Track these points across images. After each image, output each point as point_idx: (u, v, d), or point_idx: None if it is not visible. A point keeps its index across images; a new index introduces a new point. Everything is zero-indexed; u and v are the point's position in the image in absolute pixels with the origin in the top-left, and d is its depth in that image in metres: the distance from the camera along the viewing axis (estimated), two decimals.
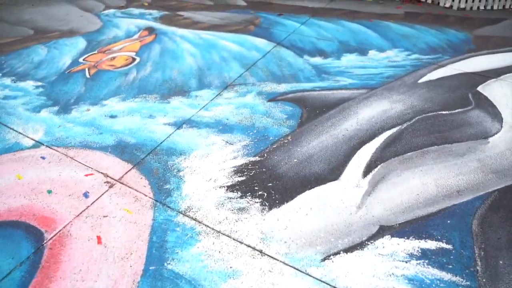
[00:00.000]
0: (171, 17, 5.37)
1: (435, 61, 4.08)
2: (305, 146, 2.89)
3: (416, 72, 3.87)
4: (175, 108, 3.36)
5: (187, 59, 4.18)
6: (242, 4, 5.79)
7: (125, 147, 2.93)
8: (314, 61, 4.07)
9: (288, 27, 4.92)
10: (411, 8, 5.60)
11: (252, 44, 4.46)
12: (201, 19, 5.26)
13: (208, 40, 4.61)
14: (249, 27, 4.92)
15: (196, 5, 5.82)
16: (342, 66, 3.97)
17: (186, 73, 3.90)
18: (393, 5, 5.72)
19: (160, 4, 5.88)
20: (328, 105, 3.36)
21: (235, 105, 3.37)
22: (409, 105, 3.33)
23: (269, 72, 3.87)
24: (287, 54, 4.22)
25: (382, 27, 4.91)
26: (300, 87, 3.60)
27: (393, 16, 5.26)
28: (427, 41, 4.53)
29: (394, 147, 2.87)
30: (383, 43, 4.46)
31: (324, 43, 4.47)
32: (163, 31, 4.91)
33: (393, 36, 4.65)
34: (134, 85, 3.73)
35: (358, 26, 4.92)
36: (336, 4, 5.73)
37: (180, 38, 4.69)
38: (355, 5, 5.67)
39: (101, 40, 4.71)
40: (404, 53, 4.25)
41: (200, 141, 2.97)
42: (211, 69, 3.95)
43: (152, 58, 4.22)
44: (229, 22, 5.12)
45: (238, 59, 4.13)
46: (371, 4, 5.74)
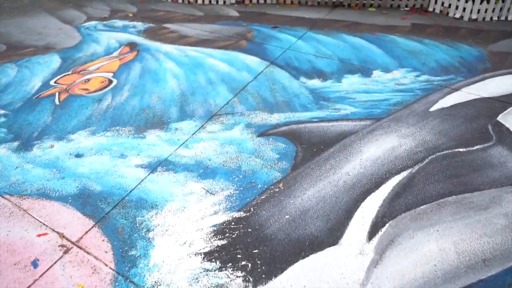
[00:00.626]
0: (156, 30, 4.93)
1: (448, 83, 3.64)
2: (299, 196, 2.45)
3: (426, 97, 3.43)
4: (150, 144, 2.93)
5: (170, 81, 3.75)
6: (234, 14, 5.35)
7: (88, 197, 2.50)
8: (311, 84, 3.64)
9: (283, 42, 4.48)
10: (418, 19, 5.16)
11: (243, 63, 4.02)
12: (188, 32, 4.82)
13: (194, 58, 4.17)
14: (241, 42, 4.49)
15: (184, 16, 5.38)
16: (343, 90, 3.54)
17: (167, 99, 3.47)
18: (398, 15, 5.28)
19: (145, 15, 5.44)
20: (327, 140, 2.92)
21: (219, 141, 2.93)
22: (421, 141, 2.90)
23: (261, 99, 3.43)
24: (281, 76, 3.78)
25: (387, 41, 4.47)
26: (295, 118, 3.17)
27: (399, 29, 4.82)
28: (437, 59, 4.09)
29: (405, 198, 2.43)
30: (388, 62, 4.02)
31: (323, 61, 4.03)
32: (146, 47, 4.48)
33: (399, 52, 4.21)
34: (107, 114, 3.30)
35: (361, 41, 4.48)
36: (336, 15, 5.29)
37: (164, 55, 4.26)
38: (356, 16, 5.23)
39: (77, 58, 4.28)
40: (413, 73, 3.82)
41: (176, 189, 2.54)
42: (195, 94, 3.52)
43: (130, 80, 3.79)
44: (219, 36, 4.68)
45: (227, 82, 3.69)
46: (374, 14, 5.30)
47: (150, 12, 5.54)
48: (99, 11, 5.65)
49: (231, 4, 5.70)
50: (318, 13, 5.35)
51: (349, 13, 5.35)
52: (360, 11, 5.42)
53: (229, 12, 5.43)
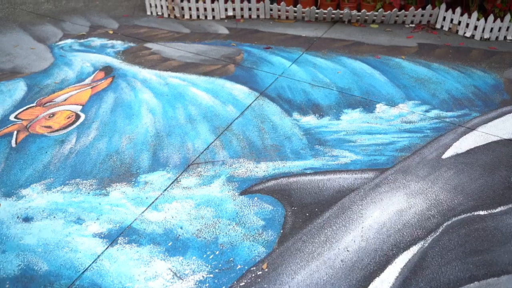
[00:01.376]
0: (137, 51, 4.48)
1: (461, 120, 3.20)
2: (286, 283, 2.01)
3: (438, 140, 2.99)
4: (113, 204, 2.49)
5: (145, 117, 3.30)
6: (223, 32, 4.90)
7: (30, 281, 2.06)
8: (306, 122, 3.19)
9: (275, 67, 4.03)
10: (425, 37, 4.71)
11: (229, 95, 3.57)
12: (171, 54, 4.37)
13: (175, 87, 3.73)
14: (228, 67, 4.04)
15: (169, 33, 4.93)
16: (342, 130, 3.09)
17: (139, 141, 3.03)
18: (403, 33, 4.83)
19: (127, 32, 4.99)
20: (322, 201, 2.48)
21: (195, 201, 2.49)
22: (433, 201, 2.45)
23: (246, 142, 2.99)
24: (272, 111, 3.34)
25: (391, 66, 4.02)
26: (285, 169, 2.72)
27: (404, 50, 4.37)
28: (448, 89, 3.64)
29: (416, 287, 1.99)
30: (393, 92, 3.57)
31: (319, 92, 3.58)
32: (123, 72, 4.03)
33: (405, 80, 3.76)
34: (68, 162, 2.85)
35: (362, 65, 4.03)
36: (336, 32, 4.83)
37: (141, 83, 3.81)
38: (358, 34, 4.78)
39: (45, 86, 3.83)
40: (421, 107, 3.37)
41: (138, 270, 2.10)
42: (171, 136, 3.07)
43: (100, 116, 3.34)
44: (205, 59, 4.23)
45: (209, 119, 3.25)
46: (377, 32, 4.85)
47: (132, 29, 5.09)
48: (78, 27, 5.21)
49: (221, 20, 5.25)
50: (315, 30, 4.90)
51: (349, 30, 4.90)
52: (361, 27, 4.97)
53: (218, 29, 4.98)
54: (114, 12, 5.75)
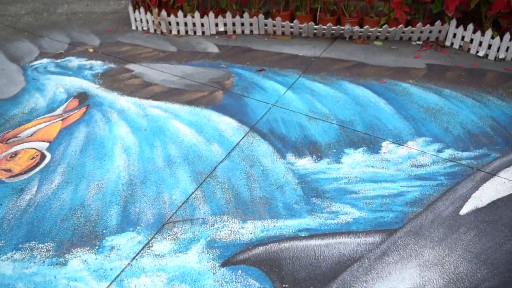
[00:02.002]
0: (117, 73, 4.09)
1: (479, 163, 2.80)
2: None
3: (453, 189, 2.59)
4: (71, 278, 2.10)
5: (118, 159, 2.92)
6: (213, 51, 4.50)
7: None
8: (301, 166, 2.80)
9: (268, 94, 3.63)
10: (434, 57, 4.31)
11: (215, 130, 3.18)
12: (154, 77, 3.98)
13: (155, 119, 3.34)
14: (216, 94, 3.65)
15: (154, 52, 4.54)
16: (342, 177, 2.70)
17: (109, 191, 2.64)
18: (410, 51, 4.43)
19: (108, 50, 4.60)
20: (318, 275, 2.09)
21: (167, 275, 2.10)
22: (452, 275, 2.06)
23: (232, 193, 2.60)
24: (262, 151, 2.94)
25: (398, 93, 3.63)
26: (275, 230, 2.33)
27: (412, 73, 3.97)
28: (462, 121, 3.24)
29: None
30: (401, 126, 3.18)
31: (317, 126, 3.19)
32: (99, 100, 3.64)
33: (414, 111, 3.36)
34: (25, 218, 2.46)
35: (366, 92, 3.64)
36: (336, 51, 4.43)
37: (118, 115, 3.42)
38: (360, 53, 4.37)
39: (11, 117, 3.45)
40: (433, 146, 2.97)
41: None
42: (146, 183, 2.68)
43: (68, 156, 2.96)
44: (191, 83, 3.84)
45: (191, 161, 2.86)
46: (381, 50, 4.45)
47: (115, 46, 4.70)
48: (56, 44, 4.81)
49: (211, 36, 4.85)
50: (314, 48, 4.50)
51: (351, 48, 4.50)
52: (364, 45, 4.57)
53: (208, 47, 4.58)
54: (97, 26, 5.36)
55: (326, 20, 4.69)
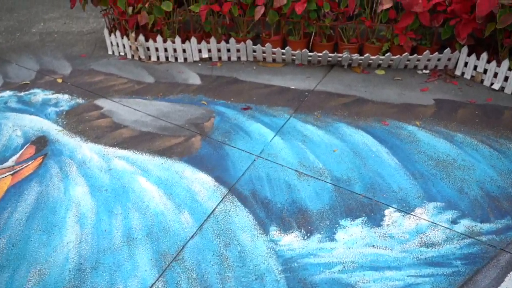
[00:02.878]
0: (84, 111, 3.62)
1: (503, 240, 2.32)
2: None
3: (473, 280, 2.11)
4: None
5: (69, 233, 2.44)
6: (194, 82, 4.03)
7: None
8: (287, 245, 2.32)
9: (253, 141, 3.16)
10: (443, 90, 3.82)
11: (187, 191, 2.71)
12: (125, 117, 3.51)
13: (120, 175, 2.86)
14: (193, 141, 3.18)
15: (128, 84, 4.07)
16: (336, 262, 2.22)
17: (51, 281, 2.17)
18: (416, 83, 3.94)
19: (78, 81, 4.13)
20: None
21: None
22: None
23: (200, 286, 2.12)
24: (241, 224, 2.46)
25: (403, 139, 3.15)
26: None
27: (419, 111, 3.48)
28: (479, 179, 2.76)
29: None
30: (407, 186, 2.70)
31: (308, 186, 2.71)
32: (59, 147, 3.17)
33: (422, 164, 2.88)
34: None
35: (366, 139, 3.15)
36: (332, 82, 3.95)
37: (77, 168, 2.95)
38: (359, 85, 3.89)
39: None
40: (446, 215, 2.49)
41: None
42: (98, 270, 2.21)
43: (11, 227, 2.49)
44: (166, 126, 3.36)
45: (154, 238, 2.38)
46: (384, 81, 3.96)
47: (86, 76, 4.23)
48: (23, 72, 4.35)
49: (194, 63, 4.38)
50: (308, 79, 4.01)
51: (349, 78, 4.02)
52: (364, 75, 4.09)
53: (189, 77, 4.11)
54: (72, 49, 4.89)
55: (322, 46, 4.21)
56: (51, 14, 6.17)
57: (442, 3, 3.81)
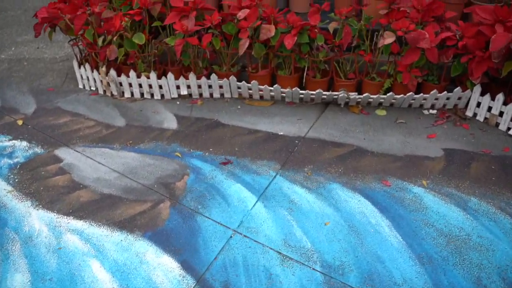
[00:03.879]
0: (41, 164, 3.18)
1: None
2: None
3: None
4: None
5: None
6: (170, 126, 3.57)
7: None
8: None
9: (231, 209, 2.71)
10: (453, 136, 3.35)
11: (146, 283, 2.25)
12: (87, 174, 3.07)
13: (69, 258, 2.41)
14: (160, 209, 2.73)
15: (96, 127, 3.62)
16: None
17: None
18: (422, 127, 3.48)
19: (41, 124, 3.69)
20: None
21: None
22: None
23: None
24: None
25: (408, 207, 2.69)
26: None
27: (426, 166, 3.01)
28: (500, 263, 2.29)
29: None
30: (413, 276, 2.24)
31: (293, 277, 2.26)
32: (4, 216, 2.71)
33: (431, 243, 2.42)
34: None
35: (364, 207, 2.69)
36: (326, 127, 3.48)
37: (21, 246, 2.50)
38: (358, 129, 3.42)
39: None
40: None
41: None
42: None
43: None
44: (132, 187, 2.91)
45: None
46: (386, 125, 3.49)
47: (51, 116, 3.79)
48: None
49: (172, 100, 3.93)
50: (299, 122, 3.56)
51: (347, 120, 3.56)
52: (363, 116, 3.63)
53: (164, 120, 3.66)
54: (40, 81, 4.45)
55: (316, 82, 3.75)
56: (25, 37, 5.73)
57: (452, 37, 3.35)
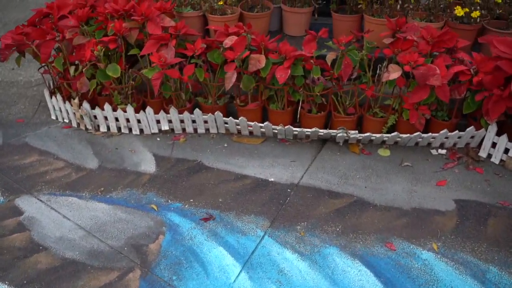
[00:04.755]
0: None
1: None
2: None
3: None
4: None
5: None
6: (147, 170, 3.19)
7: None
8: None
9: (211, 282, 2.31)
10: (466, 183, 2.97)
11: None
12: (49, 231, 2.69)
13: None
14: (128, 282, 2.35)
15: (66, 170, 3.23)
16: None
17: None
18: (430, 171, 3.10)
19: (5, 165, 3.28)
20: None
21: None
22: None
23: None
24: None
25: (416, 278, 2.30)
26: None
27: (435, 223, 2.63)
28: None
29: None
30: None
31: None
32: None
33: None
34: None
35: (365, 280, 2.30)
36: (322, 171, 3.09)
37: None
38: (358, 174, 3.04)
39: None
40: None
41: None
42: None
43: None
44: (98, 249, 2.53)
45: None
46: (390, 167, 3.12)
47: (17, 155, 3.40)
48: None
49: (152, 135, 3.56)
50: (292, 164, 3.18)
51: (346, 164, 3.18)
52: (365, 156, 3.26)
53: (142, 161, 3.28)
54: (10, 110, 4.06)
55: (311, 117, 3.37)
56: None
57: (466, 71, 2.98)
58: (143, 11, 3.29)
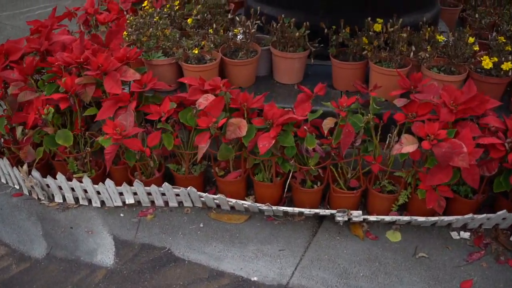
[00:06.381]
0: None
1: None
2: None
3: None
4: None
5: None
6: (103, 262, 2.57)
7: None
8: None
9: None
10: (497, 283, 2.35)
11: None
12: None
13: None
14: None
15: (6, 261, 2.60)
16: None
17: None
18: (451, 265, 2.48)
19: None
20: None
21: None
22: None
23: None
24: None
25: None
26: None
27: None
28: None
29: None
30: None
31: None
32: None
33: None
34: None
35: None
36: (318, 265, 2.48)
37: None
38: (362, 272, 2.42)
39: None
40: None
41: None
42: None
43: None
44: None
45: None
46: (402, 259, 2.51)
47: None
48: None
49: (115, 208, 2.97)
50: (281, 254, 2.58)
51: (347, 254, 2.58)
52: (370, 241, 2.67)
53: (99, 249, 2.68)
54: None
55: (305, 192, 2.78)
56: None
57: (499, 146, 2.37)
58: (99, 63, 2.71)
